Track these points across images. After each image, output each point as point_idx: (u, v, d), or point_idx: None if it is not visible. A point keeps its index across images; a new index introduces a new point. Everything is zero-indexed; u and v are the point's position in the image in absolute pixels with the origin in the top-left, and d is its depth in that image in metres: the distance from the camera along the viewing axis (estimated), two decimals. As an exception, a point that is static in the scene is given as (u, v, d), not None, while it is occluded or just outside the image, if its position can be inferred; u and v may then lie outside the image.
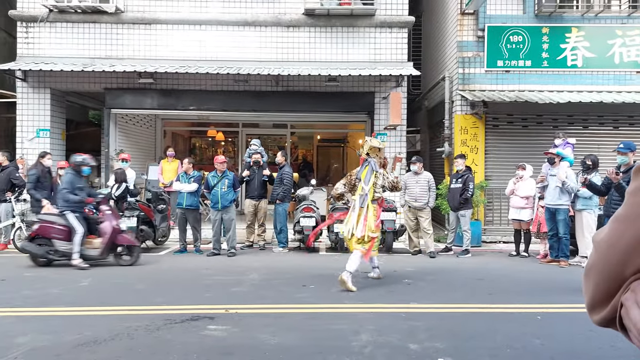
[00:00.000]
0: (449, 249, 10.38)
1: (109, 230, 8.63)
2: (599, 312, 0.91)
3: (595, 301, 0.91)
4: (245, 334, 4.96)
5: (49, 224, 8.56)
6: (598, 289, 0.90)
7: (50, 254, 8.50)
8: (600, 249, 0.89)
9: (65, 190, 8.50)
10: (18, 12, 12.21)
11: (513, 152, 12.05)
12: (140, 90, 12.33)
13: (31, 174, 9.62)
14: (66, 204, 8.52)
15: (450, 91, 12.61)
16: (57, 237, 8.49)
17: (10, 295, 6.54)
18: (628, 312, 0.83)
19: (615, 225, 0.88)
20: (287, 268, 8.61)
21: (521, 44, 11.91)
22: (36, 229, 8.57)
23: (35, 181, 9.56)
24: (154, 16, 12.17)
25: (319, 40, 12.29)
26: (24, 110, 12.26)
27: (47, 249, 8.51)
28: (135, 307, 5.97)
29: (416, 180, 10.17)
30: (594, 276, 0.91)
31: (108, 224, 8.68)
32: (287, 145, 15.88)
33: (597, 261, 0.90)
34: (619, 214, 0.89)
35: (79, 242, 8.44)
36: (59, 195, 8.72)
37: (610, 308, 0.88)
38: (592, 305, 0.92)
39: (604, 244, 0.89)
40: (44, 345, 4.60)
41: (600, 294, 0.90)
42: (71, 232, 8.49)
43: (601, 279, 0.89)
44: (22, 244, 8.63)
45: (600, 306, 0.90)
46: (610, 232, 0.88)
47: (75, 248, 8.40)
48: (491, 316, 5.78)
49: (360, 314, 5.75)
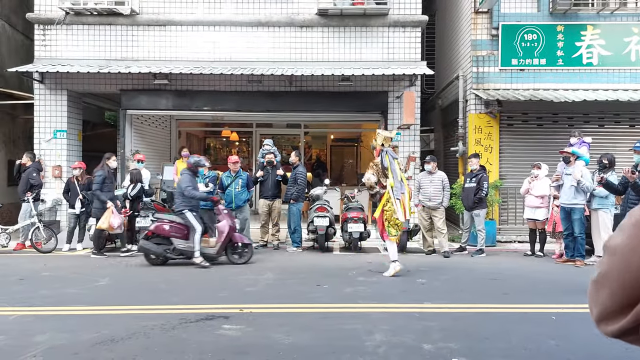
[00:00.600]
0: (464, 249, 10.33)
1: (226, 229, 8.79)
2: (615, 323, 0.86)
3: (610, 311, 0.87)
4: (259, 334, 4.99)
5: (167, 222, 8.71)
6: (614, 298, 0.85)
7: (168, 252, 8.64)
8: (618, 255, 0.85)
9: (189, 188, 8.65)
10: (35, 14, 12.38)
11: (528, 151, 11.95)
12: (155, 91, 12.44)
13: (98, 175, 9.61)
14: (186, 202, 8.66)
15: (464, 90, 12.55)
16: (176, 235, 8.63)
17: (29, 294, 6.65)
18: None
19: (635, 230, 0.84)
20: (301, 268, 8.65)
21: (536, 42, 11.82)
22: (153, 228, 8.70)
23: (101, 182, 9.53)
24: (169, 18, 12.27)
25: (332, 40, 12.31)
26: (41, 112, 12.43)
27: (165, 248, 8.65)
28: (151, 307, 6.04)
29: (430, 179, 10.15)
30: (608, 284, 0.86)
31: (225, 222, 8.85)
32: (301, 145, 15.92)
33: (614, 268, 0.85)
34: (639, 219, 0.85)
35: (199, 240, 8.60)
36: (177, 193, 8.86)
37: (632, 317, 0.84)
38: (605, 315, 0.88)
39: (622, 249, 0.84)
40: (62, 344, 4.68)
41: (616, 303, 0.85)
42: (189, 230, 8.64)
43: (618, 287, 0.85)
44: (141, 243, 8.72)
45: (617, 316, 0.86)
46: (631, 237, 0.84)
47: (196, 246, 8.55)
48: (506, 316, 5.76)
49: (374, 313, 5.76)
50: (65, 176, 11.91)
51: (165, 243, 8.68)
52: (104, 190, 9.55)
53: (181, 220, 8.69)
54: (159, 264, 8.69)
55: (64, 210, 11.80)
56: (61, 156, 12.38)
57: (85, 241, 10.52)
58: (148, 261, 8.74)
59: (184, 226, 8.68)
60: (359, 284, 7.30)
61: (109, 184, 9.67)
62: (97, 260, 9.26)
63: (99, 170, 9.69)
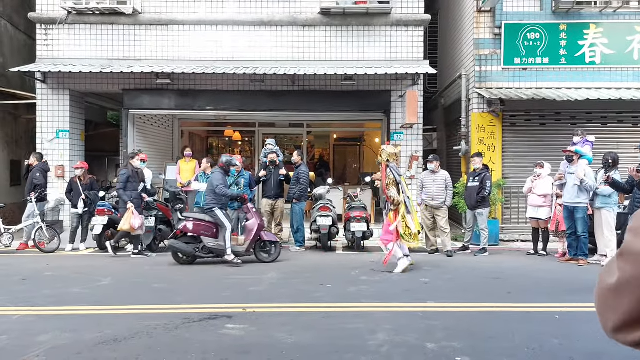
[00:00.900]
0: (466, 248, 10.32)
1: (255, 227, 8.85)
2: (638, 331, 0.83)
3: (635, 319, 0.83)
4: (262, 333, 4.99)
5: (197, 221, 8.74)
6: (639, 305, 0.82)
7: (197, 251, 8.69)
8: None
9: (221, 186, 8.71)
10: (37, 14, 12.39)
11: (531, 150, 11.93)
12: (157, 90, 12.44)
13: (122, 174, 9.58)
14: (216, 200, 8.72)
15: (467, 89, 12.53)
16: (205, 234, 8.67)
17: (32, 294, 6.66)
18: None
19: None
20: (304, 267, 8.64)
21: (538, 41, 11.80)
22: (183, 227, 8.72)
23: (125, 181, 9.48)
24: (171, 17, 12.27)
25: (334, 39, 12.30)
26: (43, 112, 12.44)
27: (194, 247, 8.69)
28: (154, 306, 6.04)
29: (433, 179, 10.13)
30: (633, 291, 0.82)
31: (254, 220, 8.91)
32: (304, 145, 15.91)
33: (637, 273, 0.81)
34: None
35: (229, 238, 8.67)
36: (207, 191, 8.88)
37: None
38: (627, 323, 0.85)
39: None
40: (65, 344, 4.68)
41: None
42: (218, 229, 8.69)
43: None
44: (171, 242, 8.74)
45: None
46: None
47: (227, 244, 8.62)
48: (509, 316, 5.74)
49: (377, 313, 5.76)
50: (67, 176, 11.93)
51: (194, 242, 8.73)
52: (128, 189, 9.50)
53: (210, 218, 8.75)
54: (187, 263, 8.74)
55: (66, 210, 11.82)
56: (64, 156, 12.39)
57: (88, 241, 10.54)
58: (176, 260, 8.78)
59: (213, 224, 8.74)
60: (362, 284, 7.30)
61: (133, 183, 9.62)
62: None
63: (123, 169, 9.70)
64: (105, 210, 10.06)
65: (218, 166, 9.17)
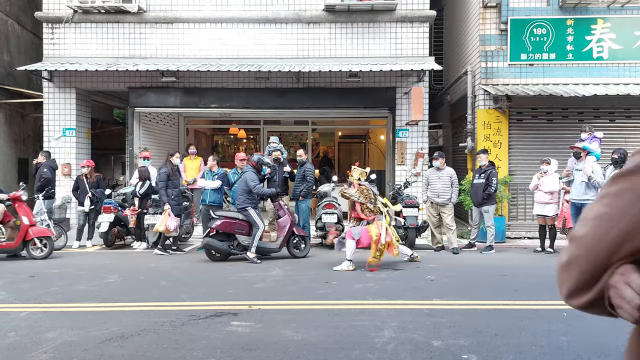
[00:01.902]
0: (473, 245, 10.29)
1: (287, 223, 9.08)
2: (583, 296, 1.06)
3: (579, 287, 1.05)
4: (268, 330, 5.00)
5: (231, 220, 8.91)
6: (583, 276, 1.04)
7: (232, 248, 8.88)
8: (586, 243, 1.03)
9: (258, 186, 8.92)
10: (44, 13, 12.44)
11: (537, 147, 11.88)
12: (163, 88, 12.47)
13: (162, 172, 9.60)
14: (250, 200, 8.89)
15: (472, 85, 12.48)
16: (240, 232, 8.88)
17: (40, 291, 6.69)
18: (620, 292, 0.98)
19: (600, 222, 1.02)
20: (309, 264, 8.65)
21: (545, 37, 11.73)
22: (217, 225, 8.85)
23: (166, 179, 9.52)
24: (176, 15, 12.29)
25: (339, 36, 12.28)
26: (50, 110, 12.50)
27: (229, 244, 8.88)
28: (161, 303, 6.06)
29: (438, 175, 10.10)
30: (578, 266, 1.04)
31: (287, 217, 9.13)
32: (309, 142, 15.90)
33: (582, 253, 1.04)
34: (602, 213, 1.03)
35: (258, 236, 8.82)
36: (240, 191, 8.98)
37: (597, 291, 1.03)
38: (574, 291, 1.07)
39: (589, 239, 1.03)
40: (72, 340, 4.70)
41: (585, 280, 1.04)
42: (251, 226, 8.88)
43: (587, 268, 1.03)
44: (207, 240, 8.85)
45: (584, 291, 1.05)
46: (596, 229, 1.02)
47: (254, 242, 8.78)
48: (516, 313, 5.72)
49: (383, 310, 5.75)
50: (74, 174, 11.98)
51: (227, 239, 8.91)
52: (169, 186, 9.56)
53: (243, 217, 8.92)
54: (220, 260, 8.90)
55: (73, 208, 11.87)
56: (70, 154, 12.45)
57: (94, 238, 10.59)
58: (209, 257, 8.94)
59: (246, 223, 8.92)
60: (368, 281, 7.30)
61: (173, 181, 9.70)
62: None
63: (163, 167, 9.75)
64: (112, 207, 10.11)
65: (250, 165, 9.30)
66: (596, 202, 1.07)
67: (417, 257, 8.78)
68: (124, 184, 13.34)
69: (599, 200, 1.06)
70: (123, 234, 10.59)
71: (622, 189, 1.01)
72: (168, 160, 9.85)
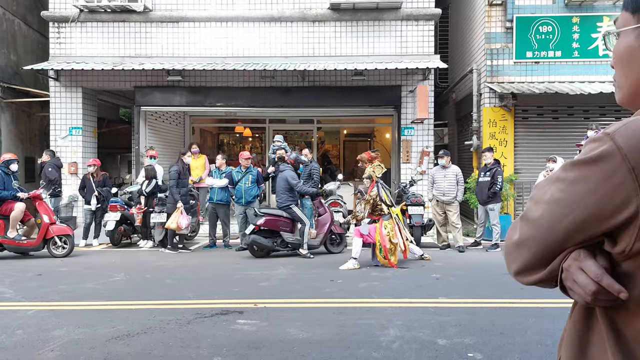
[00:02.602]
0: (478, 244, 10.27)
1: (328, 221, 9.31)
2: (533, 275, 1.10)
3: (530, 266, 1.09)
4: (273, 329, 5.01)
5: (275, 217, 9.10)
6: (535, 257, 1.07)
7: (275, 245, 9.09)
8: (540, 226, 1.05)
9: (299, 184, 9.13)
10: (50, 13, 12.49)
11: (543, 145, 11.84)
12: (168, 87, 12.51)
13: (173, 171, 9.72)
14: (292, 198, 9.09)
15: (478, 83, 12.45)
16: (285, 229, 9.08)
17: (46, 289, 6.74)
18: (573, 276, 1.03)
19: (555, 208, 1.03)
20: (314, 263, 8.66)
21: (551, 35, 11.68)
22: (262, 223, 9.00)
23: (177, 177, 9.65)
24: (182, 14, 12.31)
25: (344, 34, 12.27)
26: (56, 109, 12.56)
27: (273, 241, 9.08)
28: (166, 302, 6.09)
29: (444, 174, 10.09)
30: (530, 247, 1.07)
31: (327, 215, 9.36)
32: (314, 141, 15.90)
33: (536, 235, 1.06)
34: (558, 198, 1.03)
35: (307, 233, 9.05)
36: (282, 189, 9.11)
37: (548, 272, 1.07)
38: (524, 269, 1.11)
39: (544, 223, 1.04)
40: (79, 339, 4.73)
41: (536, 261, 1.08)
42: (293, 224, 9.11)
43: (539, 249, 1.06)
44: (253, 237, 8.99)
45: (534, 270, 1.09)
46: (551, 214, 1.04)
47: (305, 239, 9.02)
48: (522, 311, 5.71)
49: (389, 308, 5.75)
50: (80, 173, 12.03)
51: (271, 236, 9.09)
52: (179, 185, 9.69)
53: (287, 214, 9.10)
54: (262, 257, 9.08)
55: (80, 207, 11.92)
56: (77, 153, 12.51)
57: (101, 237, 10.63)
58: (252, 254, 9.13)
59: (290, 220, 9.13)
60: (373, 279, 7.30)
61: (183, 180, 9.83)
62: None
63: (174, 166, 9.86)
64: (118, 206, 10.15)
65: (288, 163, 9.48)
66: (550, 183, 1.07)
67: (427, 257, 8.77)
68: (130, 182, 13.39)
69: (554, 182, 1.06)
70: (129, 232, 10.64)
71: (580, 177, 1.00)
72: (180, 159, 9.96)
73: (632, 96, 1.12)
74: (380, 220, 8.16)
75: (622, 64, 1.13)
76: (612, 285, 0.98)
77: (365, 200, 8.21)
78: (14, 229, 9.09)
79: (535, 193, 1.11)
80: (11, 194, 9.08)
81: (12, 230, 9.05)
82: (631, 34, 1.10)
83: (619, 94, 1.16)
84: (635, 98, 1.12)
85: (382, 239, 7.99)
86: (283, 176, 9.19)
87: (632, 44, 1.09)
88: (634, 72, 1.10)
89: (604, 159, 0.98)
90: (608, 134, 0.99)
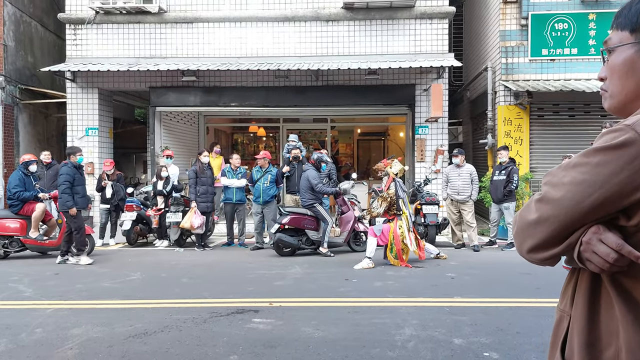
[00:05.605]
0: (493, 243, 10.21)
1: (352, 219, 9.40)
2: (548, 251, 1.22)
3: (547, 243, 1.21)
4: (289, 327, 5.03)
5: (300, 215, 9.20)
6: (553, 234, 1.19)
7: (301, 243, 9.22)
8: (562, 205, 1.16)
9: (320, 184, 9.21)
10: (66, 15, 12.63)
11: (559, 143, 11.72)
12: (183, 88, 12.59)
13: (191, 170, 10.00)
14: (315, 197, 9.19)
15: (493, 82, 12.36)
16: (309, 227, 9.20)
17: (64, 288, 6.83)
18: (594, 247, 1.15)
19: (578, 188, 1.15)
20: (329, 262, 8.67)
21: (567, 32, 11.57)
22: (287, 221, 9.13)
23: (195, 177, 9.87)
24: (196, 15, 12.39)
25: (358, 33, 12.26)
26: (73, 110, 12.70)
27: (298, 239, 9.21)
28: (183, 300, 6.14)
29: (458, 173, 10.04)
30: (550, 224, 1.18)
31: (351, 213, 9.44)
32: (328, 140, 15.91)
33: (557, 213, 1.17)
34: (582, 180, 1.14)
35: (329, 231, 9.16)
36: (305, 188, 9.24)
37: (565, 246, 1.19)
38: (540, 246, 1.22)
39: (567, 202, 1.16)
40: (97, 337, 4.79)
41: (553, 237, 1.19)
42: (318, 222, 9.20)
43: (559, 226, 1.18)
44: (279, 236, 9.12)
45: (550, 247, 1.21)
46: (574, 193, 1.15)
47: (325, 237, 9.13)
48: (538, 311, 5.67)
49: (404, 307, 5.74)
50: (97, 173, 12.16)
51: (296, 235, 9.19)
52: (197, 184, 9.87)
53: (312, 213, 9.19)
54: (288, 255, 9.20)
55: (96, 207, 12.04)
56: (93, 153, 12.64)
57: (117, 236, 10.74)
58: (278, 252, 9.24)
59: (314, 218, 9.22)
60: (388, 278, 7.29)
61: (202, 179, 9.96)
62: (129, 254, 9.46)
63: (193, 166, 10.07)
64: (134, 206, 10.25)
65: (309, 163, 9.54)
66: (568, 169, 1.18)
67: (444, 256, 8.75)
68: (146, 182, 13.49)
69: (572, 167, 1.17)
70: (145, 232, 10.73)
71: (605, 161, 1.12)
72: (197, 159, 10.20)
73: (623, 104, 1.27)
74: (395, 219, 8.15)
75: (620, 76, 1.27)
76: (632, 252, 1.11)
77: (383, 197, 8.17)
78: (36, 229, 9.21)
79: (551, 179, 1.22)
80: (32, 195, 9.20)
81: (34, 231, 9.18)
82: (631, 49, 1.25)
83: (611, 101, 1.30)
84: (626, 106, 1.27)
85: (396, 238, 7.98)
86: (305, 176, 9.29)
87: (632, 57, 1.24)
88: (631, 82, 1.24)
89: (628, 144, 1.11)
90: (629, 125, 1.13)
